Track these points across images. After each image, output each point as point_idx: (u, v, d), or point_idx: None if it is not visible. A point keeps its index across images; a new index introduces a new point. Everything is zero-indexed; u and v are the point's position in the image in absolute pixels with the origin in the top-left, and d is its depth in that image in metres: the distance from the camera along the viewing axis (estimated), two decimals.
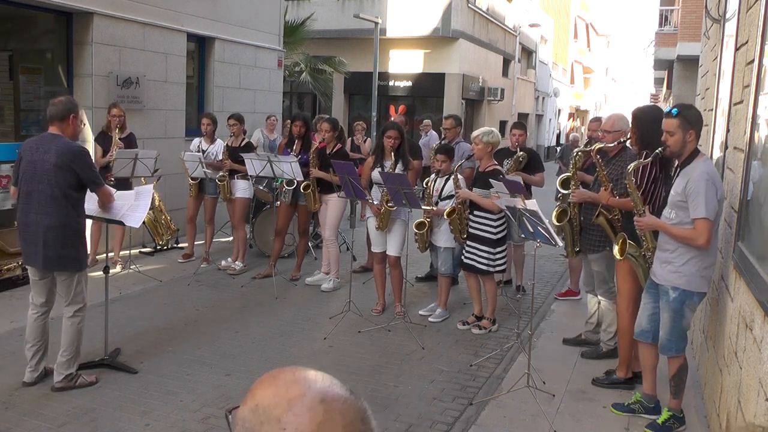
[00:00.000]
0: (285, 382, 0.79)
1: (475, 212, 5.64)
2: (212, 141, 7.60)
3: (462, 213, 5.65)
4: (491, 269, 5.63)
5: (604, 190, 4.52)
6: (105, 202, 4.41)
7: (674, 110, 3.73)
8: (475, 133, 5.71)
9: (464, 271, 5.85)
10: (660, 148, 3.79)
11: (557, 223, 4.86)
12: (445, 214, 5.63)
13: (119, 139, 7.05)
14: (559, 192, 5.26)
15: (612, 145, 4.68)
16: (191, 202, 7.77)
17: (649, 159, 3.97)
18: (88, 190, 4.31)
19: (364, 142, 10.57)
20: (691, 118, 3.70)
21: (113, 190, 4.70)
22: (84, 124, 4.64)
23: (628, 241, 4.09)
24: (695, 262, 3.68)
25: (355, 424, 0.77)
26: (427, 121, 12.10)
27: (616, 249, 4.14)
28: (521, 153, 6.55)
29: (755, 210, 3.17)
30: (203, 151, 7.49)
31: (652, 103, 23.23)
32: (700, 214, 3.55)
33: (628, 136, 4.55)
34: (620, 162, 4.61)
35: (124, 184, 6.80)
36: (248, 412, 0.78)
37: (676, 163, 3.90)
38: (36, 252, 4.15)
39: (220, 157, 7.43)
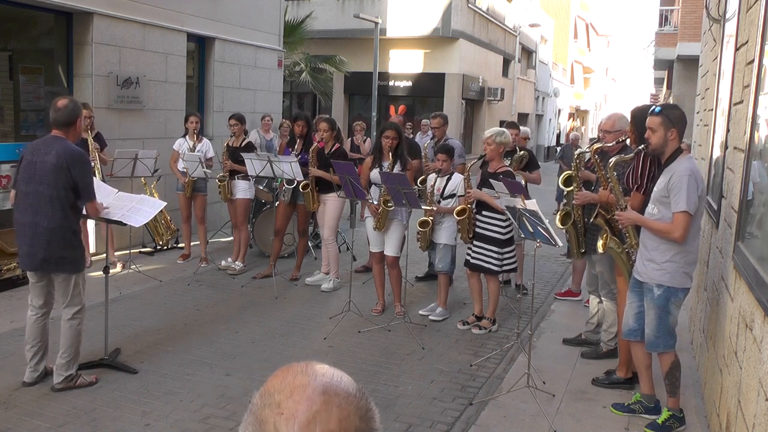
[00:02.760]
0: (294, 372, 0.83)
1: (484, 212, 5.63)
2: (199, 140, 7.56)
3: (471, 213, 5.65)
4: (499, 269, 5.65)
5: (603, 190, 4.53)
6: (92, 215, 4.35)
7: (657, 108, 3.83)
8: (487, 134, 5.69)
9: (469, 270, 5.84)
10: (642, 145, 3.86)
11: (561, 227, 4.88)
12: (455, 213, 5.63)
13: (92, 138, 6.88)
14: (564, 190, 5.29)
15: (611, 144, 4.70)
16: (184, 203, 7.72)
17: (630, 155, 4.07)
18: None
19: (364, 142, 10.57)
20: (673, 117, 3.78)
21: (114, 191, 4.71)
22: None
23: (610, 237, 4.15)
24: (678, 259, 3.74)
25: (351, 419, 0.79)
26: (425, 121, 12.07)
27: (599, 243, 4.19)
28: (523, 152, 6.58)
29: (755, 210, 3.17)
30: (193, 150, 7.40)
31: (652, 103, 23.16)
32: (680, 208, 3.63)
33: (627, 136, 4.57)
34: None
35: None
36: (257, 396, 0.83)
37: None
38: (34, 253, 4.13)
39: (209, 156, 7.41)
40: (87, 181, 4.17)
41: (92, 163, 6.59)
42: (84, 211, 4.35)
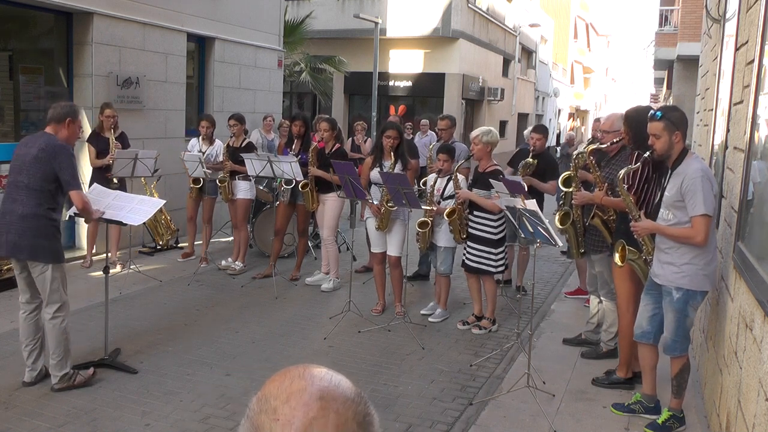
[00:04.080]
0: (292, 376, 0.82)
1: (475, 212, 5.64)
2: (211, 142, 7.60)
3: (462, 213, 5.65)
4: (493, 269, 5.64)
5: (598, 191, 4.53)
6: (77, 206, 4.30)
7: (658, 113, 3.74)
8: (474, 133, 5.70)
9: (465, 271, 5.85)
10: (648, 152, 3.81)
11: (560, 227, 4.88)
12: (445, 214, 5.63)
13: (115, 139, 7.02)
14: (562, 191, 5.30)
15: (606, 145, 4.70)
16: (190, 203, 7.76)
17: (638, 165, 3.98)
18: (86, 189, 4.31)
19: (365, 142, 10.56)
20: (675, 120, 3.71)
21: (113, 193, 4.70)
22: (81, 130, 4.64)
23: (627, 247, 4.09)
24: (697, 261, 3.68)
25: (349, 425, 0.78)
26: (424, 121, 12.07)
27: (616, 256, 4.13)
28: (530, 160, 6.55)
29: (755, 210, 3.17)
30: (202, 153, 7.46)
31: (652, 103, 23.17)
32: (699, 211, 3.56)
33: (621, 137, 4.56)
34: (620, 162, 4.61)
35: (120, 184, 6.83)
36: (254, 401, 0.81)
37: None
38: (8, 240, 4.15)
39: (220, 159, 7.43)
40: (70, 172, 4.19)
41: (112, 161, 6.74)
42: (75, 210, 4.36)
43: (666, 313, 3.83)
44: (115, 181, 6.75)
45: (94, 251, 7.46)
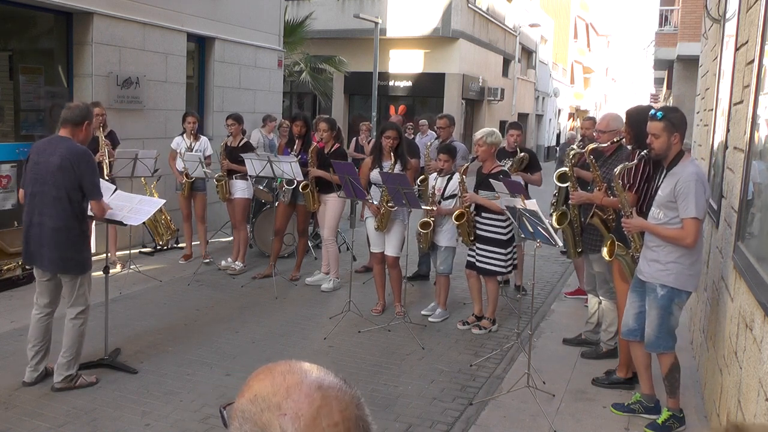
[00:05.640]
0: (281, 372, 0.84)
1: (483, 214, 5.62)
2: (196, 138, 7.58)
3: (470, 216, 5.63)
4: (506, 270, 5.66)
5: (598, 191, 4.54)
6: (97, 215, 4.30)
7: (659, 113, 3.77)
8: (477, 135, 5.68)
9: (469, 271, 5.84)
10: (645, 151, 3.84)
11: (557, 226, 4.89)
12: (453, 218, 5.61)
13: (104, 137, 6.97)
14: (557, 186, 5.31)
15: (605, 145, 4.71)
16: (183, 202, 7.73)
17: (634, 162, 4.02)
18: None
19: (368, 142, 10.55)
20: (676, 121, 3.74)
21: (117, 192, 4.70)
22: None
23: (616, 242, 4.12)
24: (683, 260, 3.73)
25: (350, 409, 0.81)
26: (423, 121, 12.05)
27: (604, 251, 4.16)
28: (523, 154, 6.58)
29: (755, 210, 3.17)
30: (191, 149, 7.43)
31: (652, 103, 23.15)
32: (690, 214, 3.60)
33: (622, 136, 4.58)
34: (617, 161, 4.62)
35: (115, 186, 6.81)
36: (247, 403, 0.82)
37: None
38: (40, 253, 4.15)
39: (207, 154, 7.43)
40: (92, 180, 4.17)
41: (102, 160, 6.68)
42: (90, 212, 4.35)
43: (649, 310, 3.86)
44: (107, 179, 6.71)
45: (93, 251, 7.46)
